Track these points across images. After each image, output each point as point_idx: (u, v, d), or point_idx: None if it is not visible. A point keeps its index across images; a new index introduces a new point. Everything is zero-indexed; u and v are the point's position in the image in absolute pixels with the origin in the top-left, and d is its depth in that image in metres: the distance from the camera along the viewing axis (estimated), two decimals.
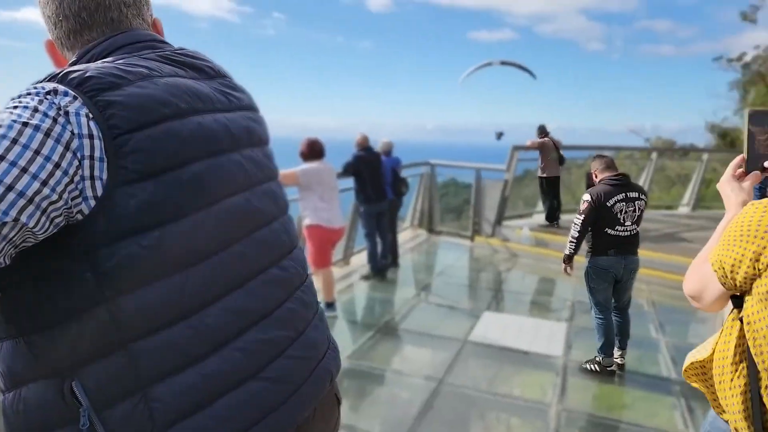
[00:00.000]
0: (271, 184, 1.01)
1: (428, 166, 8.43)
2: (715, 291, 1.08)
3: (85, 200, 0.72)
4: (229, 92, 0.98)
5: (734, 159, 1.22)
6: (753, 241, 0.95)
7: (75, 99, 0.74)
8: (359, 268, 6.25)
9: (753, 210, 0.98)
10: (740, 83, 18.74)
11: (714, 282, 1.07)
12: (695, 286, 1.15)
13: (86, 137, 0.72)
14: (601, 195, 3.51)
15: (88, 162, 0.72)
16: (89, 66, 0.80)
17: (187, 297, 0.80)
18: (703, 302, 1.15)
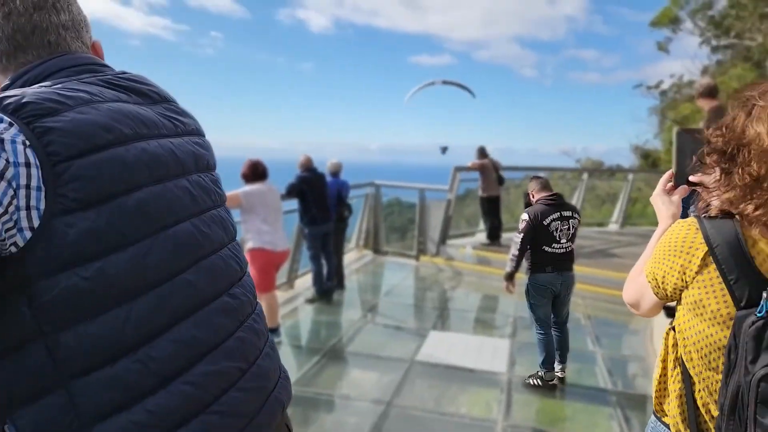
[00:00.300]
0: (219, 210, 0.99)
1: (373, 187, 8.50)
2: (650, 300, 1.17)
3: (20, 231, 0.69)
4: (174, 117, 0.96)
5: (665, 174, 1.32)
6: (680, 256, 1.03)
7: (11, 126, 0.70)
8: (304, 291, 6.17)
9: (679, 228, 1.06)
10: (659, 109, 20.21)
11: (649, 292, 1.15)
12: (633, 295, 1.24)
13: (23, 165, 0.69)
14: (538, 214, 3.66)
15: (24, 191, 0.69)
16: (26, 91, 0.76)
17: (132, 330, 0.77)
18: (641, 309, 1.23)
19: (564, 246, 3.70)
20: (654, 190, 1.33)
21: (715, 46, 16.31)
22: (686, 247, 1.02)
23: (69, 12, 0.95)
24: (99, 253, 0.74)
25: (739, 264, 0.94)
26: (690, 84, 17.41)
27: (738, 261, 0.95)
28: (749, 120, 0.97)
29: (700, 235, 1.00)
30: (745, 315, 0.91)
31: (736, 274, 0.94)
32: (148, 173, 0.83)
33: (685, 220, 1.06)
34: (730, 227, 0.98)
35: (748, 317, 0.91)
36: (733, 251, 0.95)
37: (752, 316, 0.90)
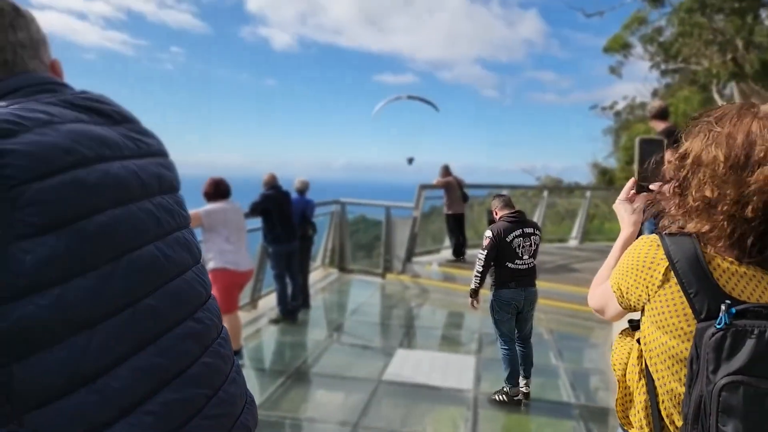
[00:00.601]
0: (184, 232, 0.97)
1: (338, 205, 8.48)
2: (615, 308, 1.21)
3: None
4: (137, 138, 0.94)
5: (628, 182, 1.37)
6: (643, 271, 1.07)
7: None
8: (268, 312, 6.05)
9: (642, 244, 1.10)
10: (613, 129, 21.03)
11: (614, 300, 1.18)
12: (599, 301, 1.28)
13: None
14: (501, 231, 3.73)
15: None
16: None
17: (91, 359, 0.74)
18: (606, 315, 1.28)
19: (526, 262, 3.77)
20: (611, 206, 1.39)
21: (664, 70, 17.16)
22: (648, 262, 1.06)
23: (27, 30, 0.93)
24: (58, 280, 0.71)
25: (698, 278, 0.98)
26: (642, 105, 18.23)
27: (697, 275, 0.98)
28: (706, 145, 1.01)
29: (662, 251, 1.04)
30: (705, 327, 0.94)
31: (696, 288, 0.98)
32: (110, 196, 0.81)
33: (648, 237, 1.10)
34: (689, 243, 1.01)
35: (708, 329, 0.93)
36: (692, 266, 0.99)
37: (712, 328, 0.93)
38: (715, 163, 0.98)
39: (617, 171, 17.81)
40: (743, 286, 0.97)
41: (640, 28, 15.25)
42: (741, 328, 0.91)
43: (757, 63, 12.03)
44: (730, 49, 12.72)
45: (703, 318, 0.96)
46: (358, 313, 6.66)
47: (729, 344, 0.91)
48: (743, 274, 0.98)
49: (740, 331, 0.91)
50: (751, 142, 0.95)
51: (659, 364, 1.06)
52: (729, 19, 12.48)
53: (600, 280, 1.33)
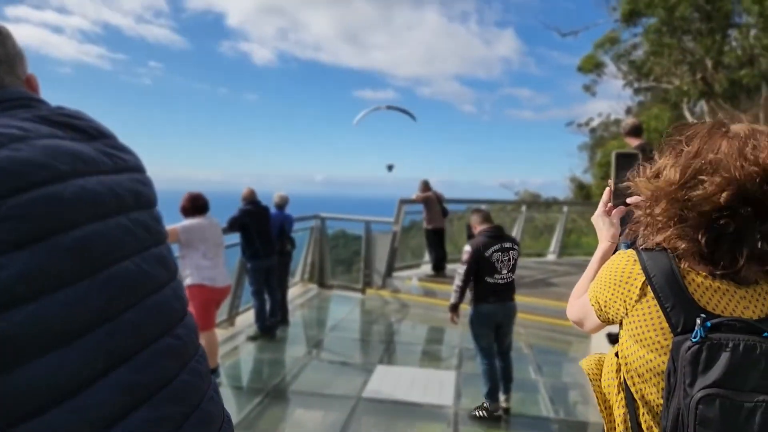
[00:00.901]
0: (160, 248, 0.97)
1: (318, 220, 8.45)
2: (594, 320, 1.22)
3: None
4: (114, 153, 0.93)
5: (604, 194, 1.38)
6: (621, 285, 1.08)
7: None
8: (245, 329, 5.96)
9: (620, 259, 1.12)
10: (589, 146, 21.46)
11: (592, 313, 1.20)
12: (578, 314, 1.29)
13: None
14: (480, 246, 3.75)
15: None
16: None
17: (67, 376, 0.72)
18: (585, 327, 1.30)
19: (505, 277, 3.79)
20: (588, 221, 1.40)
21: (637, 88, 17.61)
22: (625, 277, 1.08)
23: (3, 46, 0.92)
24: (32, 296, 0.70)
25: (674, 293, 1.00)
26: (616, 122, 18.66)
27: (673, 290, 1.00)
28: (674, 163, 1.04)
29: (638, 266, 1.06)
30: (681, 340, 0.96)
31: (672, 302, 0.99)
32: (86, 211, 0.80)
33: (625, 252, 1.12)
34: (664, 259, 1.04)
35: (685, 342, 0.95)
36: (668, 281, 1.01)
37: (688, 342, 0.95)
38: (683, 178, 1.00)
39: (593, 187, 18.14)
40: (717, 299, 0.99)
41: (613, 47, 15.67)
42: (716, 341, 0.93)
43: (726, 82, 12.43)
44: (699, 68, 13.13)
45: (679, 332, 0.97)
46: (337, 329, 6.60)
47: (705, 357, 0.93)
48: (717, 288, 1.00)
49: (715, 344, 0.93)
50: (719, 160, 0.97)
51: (637, 377, 1.07)
52: (698, 40, 12.90)
53: (579, 293, 1.34)
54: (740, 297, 0.99)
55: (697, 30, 12.67)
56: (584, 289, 1.32)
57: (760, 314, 0.98)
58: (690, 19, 12.36)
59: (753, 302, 0.99)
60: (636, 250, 1.09)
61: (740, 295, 1.00)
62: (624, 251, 1.13)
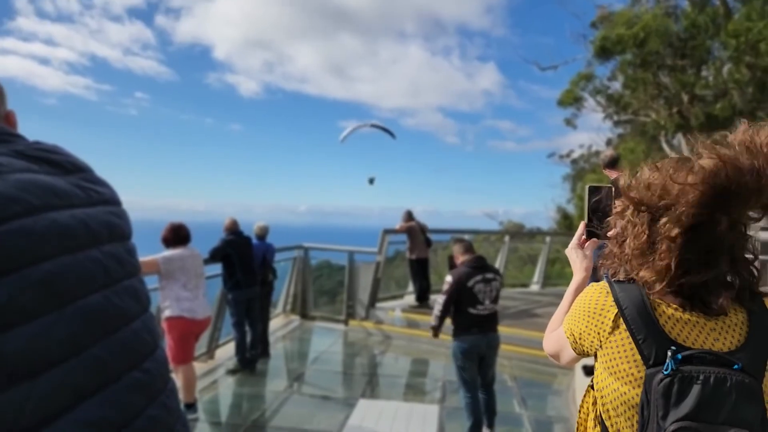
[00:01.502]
0: (133, 281, 0.97)
1: (302, 250, 8.38)
2: (569, 353, 1.21)
3: None
4: (88, 186, 0.94)
5: (579, 227, 1.39)
6: (594, 317, 1.09)
7: None
8: (225, 362, 5.82)
9: (593, 291, 1.12)
10: (570, 176, 21.84)
11: (568, 346, 1.19)
12: (554, 347, 1.28)
13: None
14: (462, 277, 3.74)
15: None
16: None
17: (32, 411, 0.71)
18: (561, 360, 1.28)
19: (488, 308, 3.78)
20: None
21: (616, 121, 18.07)
22: (599, 308, 1.08)
23: None
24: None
25: (646, 325, 1.00)
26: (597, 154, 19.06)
27: (645, 322, 1.01)
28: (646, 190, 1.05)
29: (611, 297, 1.07)
30: (653, 373, 0.96)
31: (644, 334, 1.00)
32: (57, 244, 0.80)
33: (598, 284, 1.13)
34: (636, 291, 1.05)
35: (657, 375, 0.96)
36: (640, 313, 1.02)
37: (660, 374, 0.95)
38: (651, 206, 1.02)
39: (576, 218, 18.38)
40: (688, 331, 1.00)
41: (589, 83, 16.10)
42: (687, 374, 0.93)
43: (702, 116, 12.80)
44: (675, 102, 13.54)
45: (651, 364, 0.98)
46: (319, 361, 6.48)
47: (676, 390, 0.93)
48: (687, 320, 1.01)
49: (686, 377, 0.93)
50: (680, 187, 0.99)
51: (612, 410, 1.06)
52: (672, 75, 13.34)
53: (554, 325, 1.34)
54: (710, 329, 1.00)
55: (671, 65, 13.12)
56: (560, 321, 1.31)
57: (730, 346, 0.99)
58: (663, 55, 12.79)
59: (723, 334, 1.00)
60: (608, 282, 1.10)
61: (710, 326, 1.01)
62: (596, 283, 1.13)
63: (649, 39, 12.05)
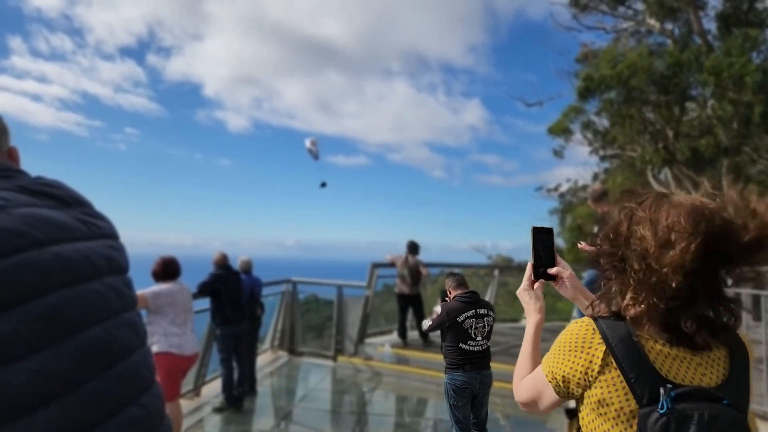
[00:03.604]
0: (131, 314, 0.97)
1: (290, 284, 8.29)
2: (551, 397, 1.15)
3: None
4: (89, 220, 0.96)
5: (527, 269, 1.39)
6: (581, 355, 1.05)
7: None
8: (212, 399, 5.67)
9: (578, 327, 1.09)
10: (558, 210, 22.04)
11: (548, 389, 1.14)
12: (530, 393, 1.21)
13: None
14: (453, 311, 3.70)
15: None
16: None
17: None
18: (540, 407, 1.20)
19: (480, 344, 3.72)
20: None
21: (602, 155, 18.39)
22: (586, 346, 1.05)
23: None
24: (2, 362, 0.70)
25: (636, 362, 0.99)
26: (584, 188, 19.30)
27: (635, 359, 1.00)
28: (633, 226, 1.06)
29: (598, 334, 1.04)
30: (648, 412, 0.95)
31: (635, 373, 0.99)
32: (60, 277, 0.82)
33: (583, 320, 1.10)
34: (623, 327, 1.04)
35: (652, 414, 0.94)
36: (629, 349, 1.01)
37: (655, 413, 0.94)
38: (644, 242, 1.03)
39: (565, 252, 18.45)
40: (677, 368, 1.01)
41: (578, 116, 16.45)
42: (683, 412, 0.93)
43: (687, 150, 13.05)
44: (660, 137, 13.83)
45: (645, 403, 0.97)
46: (307, 399, 6.33)
47: (674, 429, 0.93)
48: (675, 356, 1.02)
49: (683, 415, 0.93)
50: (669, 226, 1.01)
51: None
52: (657, 111, 13.66)
53: (522, 371, 1.29)
54: (696, 364, 1.02)
55: (655, 102, 13.45)
56: (527, 366, 1.28)
57: (717, 381, 1.01)
58: (647, 91, 13.12)
59: (709, 369, 1.02)
60: (593, 319, 1.08)
61: (696, 362, 1.02)
62: (581, 319, 1.11)
63: (634, 77, 12.37)
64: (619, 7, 16.26)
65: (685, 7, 13.60)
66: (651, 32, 15.57)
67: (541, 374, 1.15)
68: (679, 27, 14.77)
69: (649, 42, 15.11)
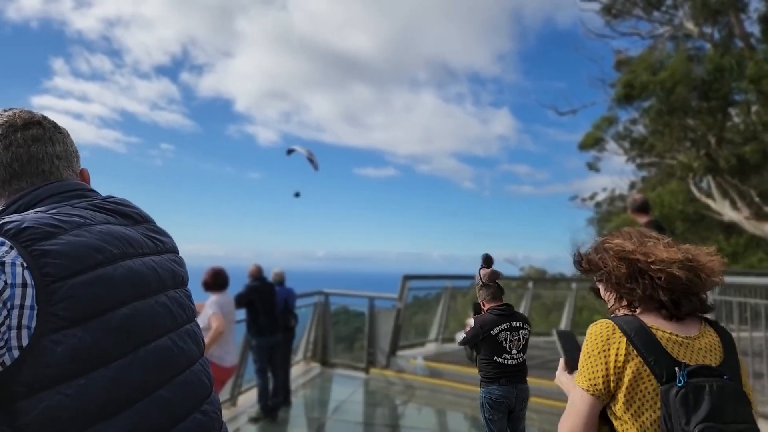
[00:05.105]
0: (192, 325, 1.03)
1: (322, 296, 8.30)
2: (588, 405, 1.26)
3: (9, 351, 0.72)
4: (155, 236, 1.03)
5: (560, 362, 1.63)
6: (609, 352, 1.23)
7: (11, 249, 0.76)
8: (247, 409, 5.71)
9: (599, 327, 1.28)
10: (595, 220, 21.49)
11: (585, 400, 1.26)
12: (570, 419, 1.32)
13: (19, 286, 0.73)
14: (486, 324, 3.63)
15: (17, 311, 0.73)
16: (26, 217, 0.83)
17: None
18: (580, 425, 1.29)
19: (515, 357, 3.63)
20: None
21: (640, 163, 17.90)
22: (610, 341, 1.23)
23: (63, 144, 1.05)
24: (82, 370, 0.75)
25: (652, 348, 1.19)
26: (621, 197, 18.78)
27: (650, 345, 1.19)
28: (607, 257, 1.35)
29: (618, 330, 1.23)
30: (668, 388, 1.13)
31: (653, 357, 1.18)
32: (132, 290, 0.87)
33: (600, 321, 1.29)
34: (636, 322, 1.24)
35: (672, 389, 1.12)
36: (644, 338, 1.20)
37: (675, 388, 1.12)
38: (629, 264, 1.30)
39: None
40: (684, 351, 1.20)
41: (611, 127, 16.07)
42: (697, 384, 1.12)
43: (733, 158, 12.59)
44: (702, 144, 13.38)
45: (664, 381, 1.15)
46: (340, 411, 6.30)
47: (692, 399, 1.10)
48: (681, 342, 1.22)
49: (697, 387, 1.11)
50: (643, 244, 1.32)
51: None
52: (698, 118, 13.23)
53: None
54: (698, 348, 1.22)
55: (696, 108, 13.03)
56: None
57: (716, 362, 1.21)
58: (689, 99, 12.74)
59: (709, 352, 1.22)
60: (611, 318, 1.28)
61: (698, 346, 1.22)
62: (598, 322, 1.30)
63: (677, 86, 12.03)
64: (655, 11, 15.90)
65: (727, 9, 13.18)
66: (689, 36, 15.15)
67: (577, 395, 1.28)
68: (719, 30, 14.32)
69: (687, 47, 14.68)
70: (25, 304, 0.73)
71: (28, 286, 0.74)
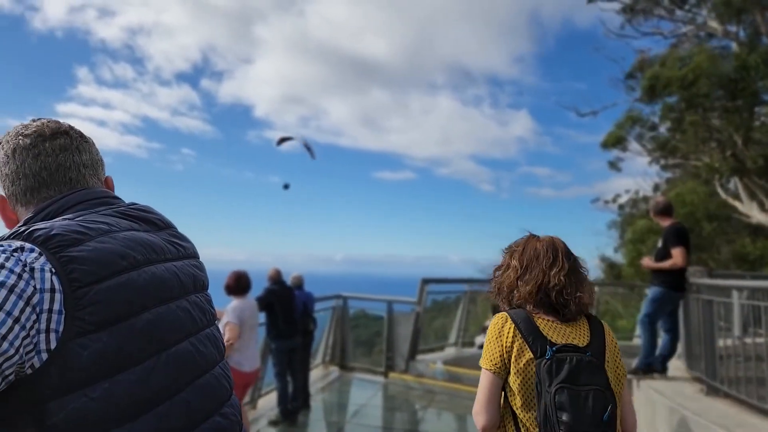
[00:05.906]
0: (212, 329, 1.04)
1: (340, 299, 8.31)
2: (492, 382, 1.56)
3: (38, 353, 0.73)
4: (177, 242, 1.05)
5: None
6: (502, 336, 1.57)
7: (40, 255, 0.78)
8: (267, 413, 5.73)
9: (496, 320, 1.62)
10: (617, 223, 21.10)
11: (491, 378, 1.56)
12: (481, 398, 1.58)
13: (48, 291, 0.76)
14: None
15: (46, 315, 0.74)
16: (54, 224, 0.85)
17: None
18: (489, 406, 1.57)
19: None
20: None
21: (663, 165, 17.53)
22: (503, 328, 1.58)
23: (89, 153, 1.08)
24: (107, 374, 0.77)
25: (531, 330, 1.54)
26: (645, 200, 18.41)
27: (530, 329, 1.54)
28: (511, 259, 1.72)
29: (509, 318, 1.59)
30: (540, 361, 1.48)
31: (531, 337, 1.53)
32: (155, 295, 0.89)
33: (499, 314, 1.64)
34: (522, 312, 1.61)
35: (542, 361, 1.47)
36: (526, 324, 1.56)
37: (544, 360, 1.47)
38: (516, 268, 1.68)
39: (625, 266, 17.62)
40: (556, 333, 1.55)
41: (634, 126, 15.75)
42: (560, 357, 1.46)
43: (761, 159, 12.24)
44: (728, 145, 13.05)
45: (538, 355, 1.49)
46: (359, 415, 6.29)
47: (555, 368, 1.45)
48: (555, 326, 1.57)
49: (560, 359, 1.46)
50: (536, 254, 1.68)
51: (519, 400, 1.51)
52: (724, 117, 12.91)
53: None
54: (569, 332, 1.57)
55: (722, 107, 12.72)
56: None
57: (584, 342, 1.55)
58: (713, 96, 12.43)
59: (578, 335, 1.57)
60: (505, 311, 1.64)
61: (569, 330, 1.58)
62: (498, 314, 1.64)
63: (698, 80, 11.76)
64: (677, 10, 15.59)
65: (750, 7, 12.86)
66: (712, 35, 14.82)
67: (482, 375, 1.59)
68: (744, 29, 13.97)
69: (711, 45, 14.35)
70: (53, 308, 0.75)
71: (56, 291, 0.76)
